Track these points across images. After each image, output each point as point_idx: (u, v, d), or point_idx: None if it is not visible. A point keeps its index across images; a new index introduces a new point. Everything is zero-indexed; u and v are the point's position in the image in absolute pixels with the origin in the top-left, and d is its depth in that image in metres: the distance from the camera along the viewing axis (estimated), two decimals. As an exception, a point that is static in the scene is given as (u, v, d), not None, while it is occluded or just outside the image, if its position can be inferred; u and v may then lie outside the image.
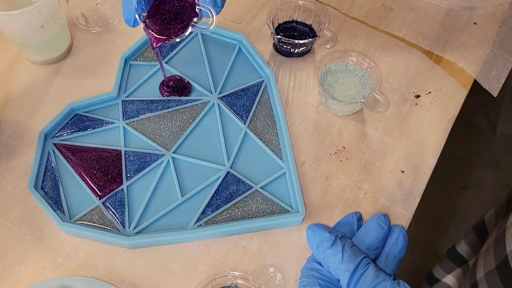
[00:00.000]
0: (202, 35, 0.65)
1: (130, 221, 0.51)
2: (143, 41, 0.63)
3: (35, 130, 0.57)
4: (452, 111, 0.59)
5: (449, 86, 0.61)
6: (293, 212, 0.51)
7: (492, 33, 0.66)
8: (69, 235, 0.51)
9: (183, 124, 0.57)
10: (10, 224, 0.51)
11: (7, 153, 0.56)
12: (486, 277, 0.54)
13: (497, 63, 0.63)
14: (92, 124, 0.57)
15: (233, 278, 0.47)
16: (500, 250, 0.53)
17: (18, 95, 0.60)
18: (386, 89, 0.60)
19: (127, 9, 0.50)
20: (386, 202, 0.53)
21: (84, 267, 0.49)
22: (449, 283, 0.74)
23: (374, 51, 0.64)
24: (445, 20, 0.67)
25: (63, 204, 0.52)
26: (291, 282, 0.48)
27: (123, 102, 0.59)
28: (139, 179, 0.54)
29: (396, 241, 0.45)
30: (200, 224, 0.51)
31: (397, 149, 0.56)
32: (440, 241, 1.24)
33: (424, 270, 0.85)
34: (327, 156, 0.56)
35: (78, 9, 0.66)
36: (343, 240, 0.43)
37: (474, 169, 1.35)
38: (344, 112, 0.58)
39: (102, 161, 0.54)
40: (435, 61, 0.63)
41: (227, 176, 0.54)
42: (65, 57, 0.63)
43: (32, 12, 0.53)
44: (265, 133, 0.57)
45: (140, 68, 0.62)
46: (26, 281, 0.48)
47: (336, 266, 0.41)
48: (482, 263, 0.56)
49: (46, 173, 0.54)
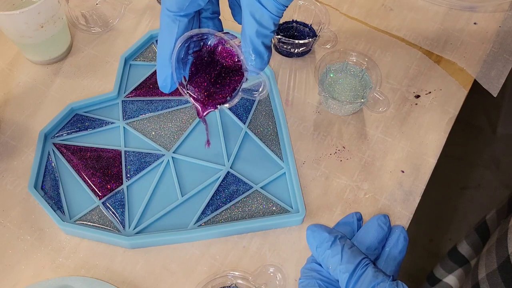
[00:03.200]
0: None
1: (130, 221, 0.51)
2: (143, 41, 0.63)
3: (35, 130, 0.57)
4: (452, 111, 0.59)
5: (449, 86, 0.61)
6: (293, 212, 0.51)
7: (492, 33, 0.66)
8: (69, 235, 0.51)
9: (183, 124, 0.57)
10: (10, 224, 0.51)
11: (7, 153, 0.56)
12: (488, 277, 0.54)
13: (497, 63, 0.63)
14: (92, 124, 0.57)
15: (233, 278, 0.47)
16: (502, 251, 0.53)
17: (18, 95, 0.60)
18: (386, 89, 0.60)
19: (163, 75, 0.44)
20: (386, 202, 0.53)
21: (84, 267, 0.49)
22: (450, 283, 0.74)
23: (374, 51, 0.64)
24: (445, 20, 0.67)
25: (63, 204, 0.52)
26: (291, 282, 0.48)
27: (123, 102, 0.59)
28: (139, 179, 0.54)
29: (397, 242, 0.45)
30: (200, 224, 0.51)
31: (397, 149, 0.56)
32: (440, 241, 1.24)
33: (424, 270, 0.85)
34: (327, 156, 0.56)
35: (78, 9, 0.66)
36: (342, 241, 0.43)
37: (474, 169, 1.35)
38: (344, 112, 0.58)
39: (102, 161, 0.54)
40: (435, 61, 0.63)
41: (227, 176, 0.54)
42: (65, 57, 0.63)
43: (32, 12, 0.53)
44: (265, 133, 0.57)
45: (140, 68, 0.62)
46: (26, 281, 0.48)
47: (335, 267, 0.41)
48: (484, 263, 0.56)
49: (46, 173, 0.54)
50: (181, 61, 0.44)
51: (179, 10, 0.41)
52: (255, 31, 0.40)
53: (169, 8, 0.41)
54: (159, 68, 0.44)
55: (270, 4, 0.38)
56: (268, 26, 0.40)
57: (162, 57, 0.43)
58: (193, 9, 0.42)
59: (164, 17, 0.42)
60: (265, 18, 0.39)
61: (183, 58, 0.44)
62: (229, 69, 0.45)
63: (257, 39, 0.40)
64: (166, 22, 0.42)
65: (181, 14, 0.41)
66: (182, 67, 0.45)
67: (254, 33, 0.40)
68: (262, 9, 0.39)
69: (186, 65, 0.45)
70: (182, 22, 0.42)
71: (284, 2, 0.38)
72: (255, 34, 0.40)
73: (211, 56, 0.45)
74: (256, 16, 0.39)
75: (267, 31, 0.40)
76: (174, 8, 0.41)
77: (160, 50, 0.44)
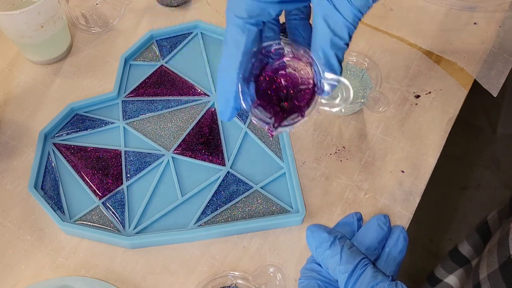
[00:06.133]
0: (202, 35, 0.65)
1: (130, 221, 0.51)
2: (143, 41, 0.63)
3: (35, 130, 0.57)
4: (452, 111, 0.59)
5: (449, 86, 0.61)
6: (293, 212, 0.51)
7: (492, 33, 0.66)
8: (69, 235, 0.51)
9: (183, 124, 0.57)
10: (10, 224, 0.51)
11: (7, 153, 0.56)
12: (489, 277, 0.54)
13: (497, 63, 0.63)
14: (92, 124, 0.57)
15: (233, 278, 0.47)
16: (504, 251, 0.53)
17: (18, 95, 0.60)
18: (386, 89, 0.60)
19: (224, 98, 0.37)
20: (386, 202, 0.53)
21: (84, 267, 0.49)
22: (451, 283, 0.74)
23: (374, 51, 0.64)
24: (445, 20, 0.67)
25: (63, 204, 0.52)
26: (291, 282, 0.48)
27: (123, 102, 0.59)
28: (139, 179, 0.54)
29: (397, 242, 0.45)
30: (200, 224, 0.51)
31: (397, 149, 0.56)
32: (440, 241, 1.24)
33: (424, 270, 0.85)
34: (327, 156, 0.55)
35: (78, 9, 0.66)
36: (342, 241, 0.43)
37: (474, 169, 1.35)
38: (344, 112, 0.58)
39: (102, 161, 0.54)
40: (435, 61, 0.63)
41: (227, 176, 0.54)
42: (65, 57, 0.63)
43: (32, 12, 0.53)
44: (265, 133, 0.57)
45: (140, 68, 0.62)
46: (26, 281, 0.48)
47: (335, 267, 0.41)
48: (485, 263, 0.55)
49: (46, 173, 0.54)
50: (246, 81, 0.38)
51: (249, 17, 0.35)
52: (329, 40, 0.34)
53: (237, 14, 0.35)
54: (221, 87, 0.37)
55: (346, 9, 0.33)
56: (343, 36, 0.34)
57: (226, 74, 0.37)
58: (264, 18, 0.36)
59: (231, 27, 0.36)
60: (340, 26, 0.34)
61: (248, 78, 0.38)
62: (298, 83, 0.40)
63: (331, 50, 0.35)
64: (233, 33, 0.36)
65: (251, 22, 0.35)
66: (247, 86, 0.38)
67: (328, 42, 0.35)
68: (337, 14, 0.34)
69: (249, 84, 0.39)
70: (251, 31, 0.36)
71: (362, 8, 0.34)
72: (329, 44, 0.35)
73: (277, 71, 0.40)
74: (331, 24, 0.34)
75: (341, 42, 0.35)
76: (244, 14, 0.35)
77: (223, 66, 0.37)
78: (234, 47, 0.36)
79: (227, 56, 0.37)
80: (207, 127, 0.57)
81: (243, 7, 0.35)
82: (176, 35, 0.65)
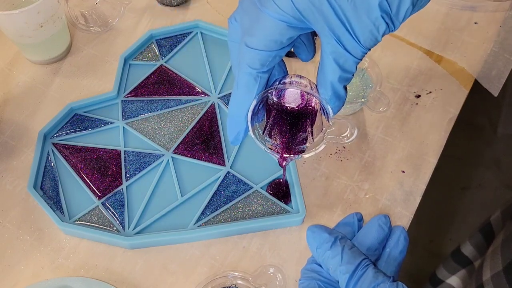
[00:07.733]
0: (202, 35, 0.65)
1: (129, 221, 0.51)
2: (142, 41, 0.63)
3: (34, 130, 0.56)
4: (452, 111, 0.59)
5: (449, 86, 0.61)
6: (293, 212, 0.51)
7: (492, 33, 0.66)
8: (69, 235, 0.51)
9: (183, 124, 0.57)
10: (9, 224, 0.51)
11: (6, 153, 0.56)
12: (492, 278, 0.53)
13: (498, 63, 0.63)
14: (91, 124, 0.57)
15: (233, 278, 0.47)
16: (508, 252, 0.52)
17: (18, 95, 0.60)
18: (387, 89, 0.60)
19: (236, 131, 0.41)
20: (387, 202, 0.52)
21: (83, 268, 0.49)
22: (453, 284, 0.74)
23: (374, 51, 0.64)
24: (445, 19, 0.67)
25: (62, 204, 0.52)
26: (291, 283, 0.48)
27: (123, 102, 0.59)
28: (139, 179, 0.54)
29: (397, 242, 0.45)
30: (200, 224, 0.51)
31: (398, 149, 0.56)
32: (441, 241, 1.24)
33: (425, 271, 0.84)
34: (327, 156, 0.55)
35: (77, 8, 0.66)
36: (342, 242, 0.43)
37: (475, 169, 1.34)
38: (344, 112, 0.57)
39: (102, 161, 0.54)
40: (436, 61, 0.63)
41: (227, 176, 0.53)
42: (64, 57, 0.63)
43: (32, 12, 0.53)
44: (265, 133, 0.57)
45: (140, 67, 0.62)
46: (26, 282, 0.48)
47: (336, 268, 0.41)
48: (488, 264, 0.55)
49: (46, 173, 0.54)
50: (255, 115, 0.41)
51: (262, 66, 0.37)
52: (337, 77, 0.38)
53: (251, 65, 0.37)
54: (232, 124, 0.41)
55: (356, 50, 0.36)
56: (351, 69, 0.38)
57: (236, 114, 0.40)
58: (275, 63, 0.38)
59: (244, 75, 0.38)
60: (349, 63, 0.37)
61: (257, 112, 0.42)
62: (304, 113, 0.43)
63: (339, 84, 0.38)
64: (246, 81, 0.38)
65: (263, 71, 0.38)
66: (256, 119, 0.42)
67: (337, 79, 0.38)
68: (347, 55, 0.36)
69: (258, 116, 0.43)
70: (263, 78, 0.39)
71: (370, 45, 0.36)
72: (338, 80, 0.38)
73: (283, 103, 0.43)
74: (340, 62, 0.37)
75: (349, 74, 0.38)
76: (257, 65, 0.37)
77: (235, 107, 0.40)
78: (246, 92, 0.39)
79: (238, 100, 0.40)
80: (207, 127, 0.57)
81: (256, 57, 0.37)
82: (176, 34, 0.65)
